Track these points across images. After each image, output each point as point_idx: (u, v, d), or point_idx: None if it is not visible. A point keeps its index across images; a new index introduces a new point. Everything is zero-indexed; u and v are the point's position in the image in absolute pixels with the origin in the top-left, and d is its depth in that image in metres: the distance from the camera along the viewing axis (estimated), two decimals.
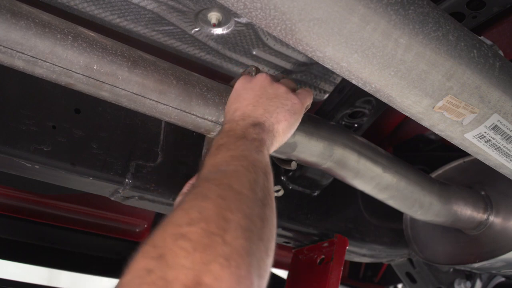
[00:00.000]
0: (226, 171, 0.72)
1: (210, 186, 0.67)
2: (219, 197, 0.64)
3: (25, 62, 0.89)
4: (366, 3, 0.78)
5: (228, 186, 0.67)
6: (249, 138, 0.85)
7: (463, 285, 2.00)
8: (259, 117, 0.91)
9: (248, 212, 0.64)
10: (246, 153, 0.79)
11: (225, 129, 0.90)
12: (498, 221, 1.49)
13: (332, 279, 1.45)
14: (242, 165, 0.75)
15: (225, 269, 0.55)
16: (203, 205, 0.62)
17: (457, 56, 0.88)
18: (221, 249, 0.56)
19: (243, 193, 0.68)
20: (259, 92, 0.97)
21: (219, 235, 0.58)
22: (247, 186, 0.70)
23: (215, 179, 0.69)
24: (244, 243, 0.59)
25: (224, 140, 0.84)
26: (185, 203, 0.64)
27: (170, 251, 0.55)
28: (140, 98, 0.99)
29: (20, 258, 1.87)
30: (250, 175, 0.73)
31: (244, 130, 0.87)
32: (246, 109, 0.93)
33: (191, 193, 0.67)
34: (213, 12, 1.22)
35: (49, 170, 1.22)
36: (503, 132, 1.00)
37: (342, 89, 1.41)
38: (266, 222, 0.67)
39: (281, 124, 0.94)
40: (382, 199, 1.36)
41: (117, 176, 1.29)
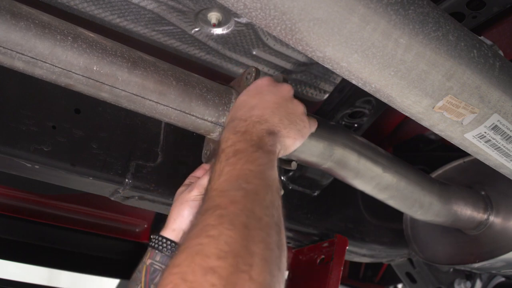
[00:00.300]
0: (247, 191, 0.73)
1: (235, 210, 0.68)
2: (244, 227, 0.66)
3: (25, 63, 0.89)
4: (366, 3, 0.78)
5: (251, 212, 0.69)
6: (265, 150, 0.85)
7: (463, 285, 2.00)
8: (275, 126, 0.92)
9: (269, 242, 0.66)
10: (263, 168, 0.80)
11: (240, 128, 0.90)
12: (498, 221, 1.49)
13: (332, 279, 1.46)
14: (262, 185, 0.76)
15: None
16: (230, 234, 0.63)
17: (457, 56, 0.88)
18: (248, 286, 0.59)
19: (263, 219, 0.69)
20: (280, 101, 0.97)
21: (246, 272, 0.60)
22: (266, 211, 0.71)
23: (239, 201, 0.70)
24: (268, 277, 0.62)
25: (242, 145, 0.84)
26: (211, 228, 0.65)
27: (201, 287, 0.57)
28: (140, 99, 0.99)
29: (20, 258, 1.87)
30: (268, 198, 0.74)
31: (260, 137, 0.87)
32: (265, 112, 0.94)
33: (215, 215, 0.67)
34: (213, 12, 1.22)
35: (49, 170, 1.22)
36: (503, 132, 1.00)
37: (342, 89, 1.41)
38: (282, 249, 0.69)
39: (289, 140, 0.95)
40: (382, 199, 1.36)
41: (117, 176, 1.29)
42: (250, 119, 0.91)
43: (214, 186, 0.76)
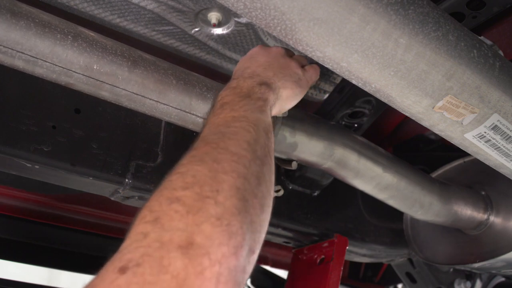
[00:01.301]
0: (225, 133, 0.74)
1: (207, 149, 0.69)
2: (214, 161, 0.66)
3: (25, 62, 0.89)
4: (366, 3, 0.78)
5: (225, 149, 0.69)
6: (253, 98, 0.86)
7: (463, 285, 2.00)
8: (268, 78, 0.93)
9: (243, 172, 0.67)
10: (248, 113, 0.80)
11: (231, 85, 0.91)
12: (498, 221, 1.49)
13: (332, 279, 1.46)
14: (242, 126, 0.76)
15: (216, 228, 0.58)
16: (198, 169, 0.65)
17: (457, 56, 0.88)
18: (213, 210, 0.60)
19: (240, 154, 0.69)
20: (272, 59, 0.99)
21: (211, 197, 0.61)
22: (245, 146, 0.71)
23: (213, 141, 0.71)
24: (237, 202, 0.62)
25: (229, 98, 0.85)
26: (181, 167, 0.67)
27: (165, 215, 0.58)
28: (140, 98, 0.99)
29: (20, 258, 1.87)
30: (250, 135, 0.74)
31: (250, 88, 0.88)
32: (257, 69, 0.95)
33: (188, 156, 0.69)
34: (213, 12, 1.22)
35: (49, 170, 1.22)
36: (503, 132, 1.00)
37: (342, 89, 1.41)
38: (263, 179, 0.70)
39: (286, 91, 0.96)
40: (382, 199, 1.36)
41: (117, 176, 1.29)
42: (242, 76, 0.93)
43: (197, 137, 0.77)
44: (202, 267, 0.54)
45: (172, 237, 0.55)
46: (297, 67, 1.01)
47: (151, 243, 0.55)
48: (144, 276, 0.52)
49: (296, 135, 1.14)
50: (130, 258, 0.54)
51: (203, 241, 0.56)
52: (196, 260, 0.54)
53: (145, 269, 0.52)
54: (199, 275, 0.53)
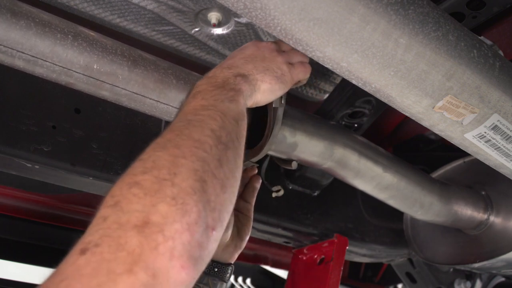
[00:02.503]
0: (191, 120, 0.75)
1: (170, 136, 0.71)
2: (175, 146, 0.68)
3: (25, 62, 0.89)
4: (366, 3, 0.78)
5: (187, 136, 0.71)
6: (226, 88, 0.86)
7: (463, 285, 2.00)
8: (246, 70, 0.92)
9: (203, 155, 0.68)
10: (218, 102, 0.81)
11: (208, 74, 0.91)
12: (498, 221, 1.49)
13: (332, 279, 1.46)
14: (209, 114, 0.77)
15: (172, 207, 0.60)
16: (158, 155, 0.67)
17: (457, 56, 0.88)
18: (170, 191, 0.62)
19: (202, 140, 0.71)
20: (258, 52, 0.98)
21: (169, 180, 0.63)
22: (208, 133, 0.73)
23: (177, 129, 0.72)
24: (193, 183, 0.64)
25: (203, 87, 0.85)
26: (144, 154, 0.69)
27: (124, 199, 0.61)
28: (140, 98, 1.00)
29: (20, 258, 1.87)
30: (215, 123, 0.75)
31: (225, 79, 0.88)
32: (238, 61, 0.94)
33: (153, 143, 0.71)
34: (213, 12, 1.22)
35: (49, 170, 1.22)
36: (503, 132, 1.00)
37: (342, 89, 1.41)
38: (225, 162, 0.71)
39: (264, 84, 0.94)
40: (382, 199, 1.36)
41: (117, 176, 1.28)
42: (220, 66, 0.92)
43: None
44: (156, 243, 0.57)
45: (129, 218, 0.58)
46: (283, 63, 0.99)
47: (110, 225, 0.58)
48: (102, 254, 0.55)
49: (296, 135, 1.14)
50: (90, 240, 0.58)
51: (158, 220, 0.58)
52: (151, 237, 0.57)
53: (103, 248, 0.56)
54: (153, 250, 0.56)
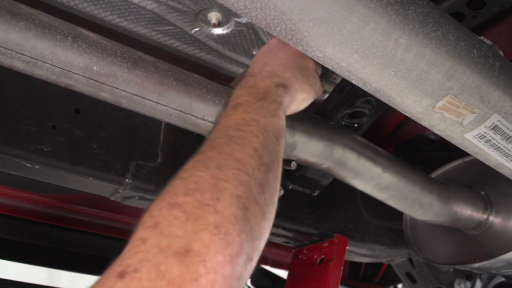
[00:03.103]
0: (232, 137, 0.73)
1: (212, 154, 0.69)
2: (217, 167, 0.66)
3: (25, 63, 0.89)
4: (366, 3, 0.78)
5: (229, 155, 0.69)
6: (268, 100, 0.84)
7: (463, 285, 2.00)
8: (286, 80, 0.91)
9: (246, 180, 0.67)
10: (260, 116, 0.79)
11: (248, 82, 0.88)
12: (498, 221, 1.49)
13: (332, 279, 1.46)
14: (251, 130, 0.75)
15: (214, 236, 0.58)
16: (200, 175, 0.65)
17: (457, 56, 0.88)
18: (212, 218, 0.60)
19: (245, 160, 0.69)
20: (292, 57, 0.96)
21: (211, 205, 0.61)
22: (251, 153, 0.71)
23: (219, 146, 0.71)
24: (236, 210, 0.62)
25: (244, 98, 0.83)
26: (185, 172, 0.67)
27: (165, 220, 0.59)
28: (140, 99, 0.99)
29: (20, 258, 1.87)
30: (257, 141, 0.73)
31: (267, 89, 0.86)
32: (276, 67, 0.92)
33: (193, 160, 0.69)
34: (213, 12, 1.22)
35: (49, 170, 1.22)
36: (503, 132, 1.00)
37: (342, 89, 1.41)
38: (266, 187, 0.70)
39: (302, 94, 0.94)
40: (382, 199, 1.36)
41: (117, 176, 1.29)
42: (261, 75, 0.90)
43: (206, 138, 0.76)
44: (197, 274, 0.55)
45: (170, 243, 0.56)
46: (315, 71, 0.99)
47: (150, 249, 0.56)
48: (141, 281, 0.52)
49: (295, 135, 1.14)
50: (129, 263, 0.55)
51: (200, 249, 0.57)
52: (192, 267, 0.55)
53: (143, 274, 0.53)
54: (194, 282, 0.54)
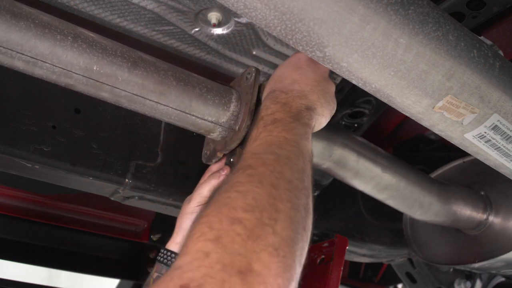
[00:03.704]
0: (279, 155, 0.76)
1: (264, 171, 0.71)
2: (272, 186, 0.68)
3: (25, 63, 0.89)
4: (366, 3, 0.78)
5: (281, 174, 0.71)
6: (301, 122, 0.88)
7: (463, 285, 2.00)
8: (313, 103, 0.94)
9: (296, 203, 0.69)
10: (298, 138, 0.83)
11: (280, 99, 0.92)
12: (497, 221, 1.49)
13: (332, 279, 1.45)
14: (294, 151, 0.78)
15: (274, 258, 0.59)
16: (257, 192, 0.67)
17: (457, 56, 0.88)
18: (271, 239, 0.61)
19: (293, 182, 0.72)
20: (319, 79, 0.99)
21: (270, 226, 0.62)
22: (297, 175, 0.74)
23: (269, 163, 0.73)
24: (291, 234, 0.64)
25: (281, 115, 0.87)
26: (240, 185, 0.68)
27: (227, 235, 0.59)
28: (140, 99, 0.99)
29: (20, 258, 1.87)
30: (300, 163, 0.77)
31: (299, 109, 0.90)
32: (305, 88, 0.95)
33: (245, 173, 0.71)
34: (213, 12, 1.22)
35: (49, 170, 1.23)
36: (503, 132, 1.00)
37: (342, 89, 1.41)
38: (309, 212, 0.72)
39: (323, 118, 0.97)
40: (381, 199, 1.36)
41: (117, 176, 1.29)
42: (291, 93, 0.93)
43: (248, 149, 0.79)
44: None
45: (233, 260, 0.56)
46: (334, 96, 1.02)
47: (213, 264, 0.56)
48: None
49: None
50: (192, 277, 0.54)
51: (261, 270, 0.57)
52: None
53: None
54: None
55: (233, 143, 1.09)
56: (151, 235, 1.98)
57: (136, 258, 2.00)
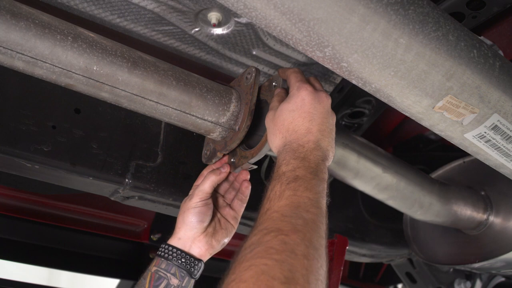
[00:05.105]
0: (307, 221, 0.81)
1: (296, 239, 0.75)
2: (304, 257, 0.73)
3: (25, 63, 0.89)
4: (366, 3, 0.78)
5: (310, 242, 0.76)
6: (320, 177, 0.92)
7: (463, 285, 2.00)
8: (326, 151, 0.97)
9: (321, 273, 0.74)
10: (319, 197, 0.88)
11: (299, 153, 0.94)
12: (498, 221, 1.49)
13: (332, 279, 1.46)
14: (318, 214, 0.85)
15: None
16: (292, 263, 0.71)
17: (457, 56, 0.88)
18: None
19: (319, 250, 0.77)
20: (325, 119, 1.00)
21: None
22: (321, 241, 0.80)
23: (300, 230, 0.78)
24: None
25: (301, 172, 0.90)
26: (275, 253, 0.72)
27: None
28: (140, 99, 0.99)
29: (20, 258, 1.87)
30: (323, 227, 0.83)
31: (317, 163, 0.94)
32: (318, 136, 0.97)
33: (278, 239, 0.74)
34: (213, 12, 1.22)
35: (49, 170, 1.22)
36: (503, 132, 1.00)
37: (342, 89, 1.41)
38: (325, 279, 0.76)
39: (332, 157, 1.01)
40: (382, 199, 1.36)
41: (117, 176, 1.29)
42: (308, 145, 0.95)
43: (275, 208, 0.83)
44: None
45: None
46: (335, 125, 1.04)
47: None
48: None
49: None
50: None
51: None
52: None
53: None
54: None
55: (233, 143, 1.09)
56: (151, 235, 1.99)
57: (136, 258, 2.00)
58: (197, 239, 1.09)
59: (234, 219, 1.15)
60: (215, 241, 1.11)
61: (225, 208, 1.16)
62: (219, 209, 1.15)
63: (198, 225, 1.08)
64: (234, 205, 1.17)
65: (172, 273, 1.06)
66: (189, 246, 1.08)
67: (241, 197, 1.17)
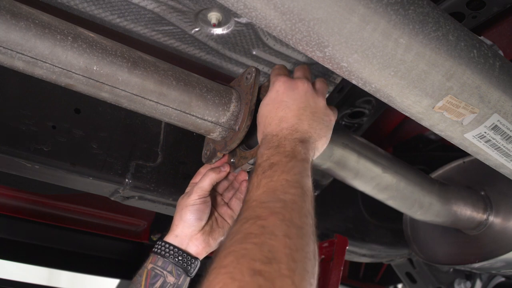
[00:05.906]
0: (286, 201, 0.78)
1: (275, 220, 0.73)
2: (286, 236, 0.71)
3: (25, 63, 0.89)
4: (366, 3, 0.78)
5: (291, 222, 0.74)
6: (298, 158, 0.89)
7: (463, 285, 2.00)
8: (305, 133, 0.94)
9: (307, 250, 0.72)
10: (298, 177, 0.84)
11: (273, 143, 0.92)
12: (498, 221, 1.49)
13: (332, 279, 1.46)
14: (298, 194, 0.81)
15: None
16: (273, 244, 0.69)
17: (457, 56, 0.88)
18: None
19: (303, 228, 0.75)
20: (303, 104, 0.98)
21: (289, 277, 0.65)
22: (305, 219, 0.77)
23: (278, 212, 0.75)
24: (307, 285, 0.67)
25: (276, 158, 0.88)
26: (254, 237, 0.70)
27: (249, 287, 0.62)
28: (140, 99, 0.99)
29: (20, 258, 1.87)
30: (305, 206, 0.79)
31: (293, 147, 0.90)
32: (293, 121, 0.95)
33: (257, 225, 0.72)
34: (213, 12, 1.22)
35: (49, 170, 1.23)
36: (503, 132, 1.00)
37: (342, 89, 1.41)
38: (317, 258, 0.74)
39: (321, 141, 0.98)
40: (382, 199, 1.36)
41: (117, 176, 1.29)
42: (281, 133, 0.94)
43: (253, 197, 0.81)
44: None
45: None
46: (326, 108, 1.00)
47: None
48: None
49: None
50: None
51: None
52: None
53: None
54: None
55: (233, 143, 1.09)
56: (151, 235, 1.99)
57: (136, 258, 2.00)
58: (195, 237, 1.08)
59: (231, 218, 1.15)
60: (212, 240, 1.10)
61: (222, 207, 1.15)
62: (216, 207, 1.15)
63: (196, 222, 1.07)
64: (232, 204, 1.16)
65: (169, 271, 1.05)
66: (186, 244, 1.08)
67: (239, 196, 1.16)
